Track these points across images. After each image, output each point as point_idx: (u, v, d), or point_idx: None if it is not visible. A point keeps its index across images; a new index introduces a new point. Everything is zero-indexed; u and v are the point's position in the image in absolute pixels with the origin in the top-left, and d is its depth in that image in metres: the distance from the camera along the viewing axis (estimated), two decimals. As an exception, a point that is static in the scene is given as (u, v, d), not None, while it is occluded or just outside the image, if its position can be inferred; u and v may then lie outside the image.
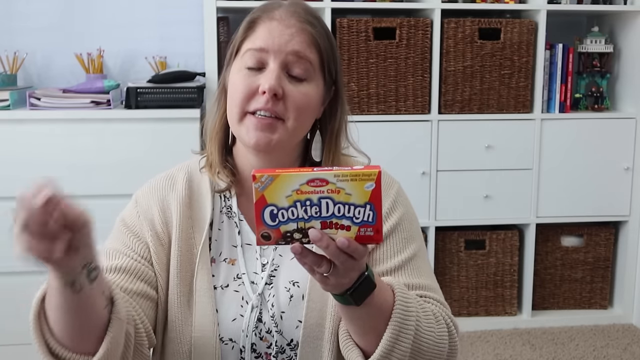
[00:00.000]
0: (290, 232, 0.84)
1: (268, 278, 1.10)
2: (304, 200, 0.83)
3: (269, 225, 0.84)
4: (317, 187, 0.83)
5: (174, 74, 2.62)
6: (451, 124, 2.81)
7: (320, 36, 1.09)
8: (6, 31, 2.85)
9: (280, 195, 0.83)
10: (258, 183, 0.83)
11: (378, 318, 0.96)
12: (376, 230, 0.84)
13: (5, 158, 2.46)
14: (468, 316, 2.96)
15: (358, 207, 0.83)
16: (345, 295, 0.91)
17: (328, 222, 0.84)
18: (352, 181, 0.82)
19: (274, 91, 1.03)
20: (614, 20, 3.03)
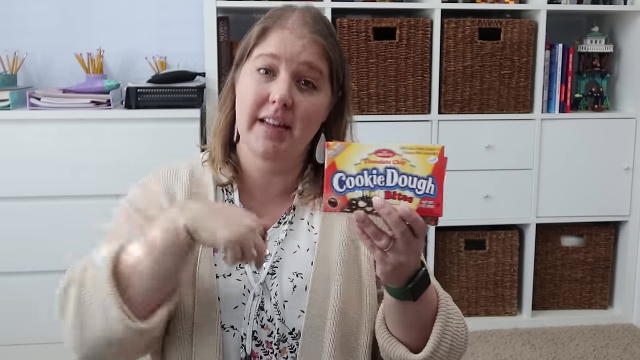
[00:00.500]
0: (356, 200, 0.89)
1: (271, 268, 1.12)
2: (371, 168, 0.88)
3: (337, 192, 0.89)
4: (384, 157, 0.88)
5: (174, 74, 2.62)
6: (451, 124, 2.81)
7: (331, 47, 1.11)
8: (6, 31, 2.85)
9: (350, 162, 0.88)
10: (331, 150, 0.88)
11: (426, 313, 1.03)
12: (437, 204, 0.88)
13: (5, 158, 2.46)
14: (468, 316, 2.96)
15: (421, 179, 0.88)
16: (404, 289, 0.96)
17: (392, 192, 0.88)
18: (417, 154, 0.87)
19: (284, 101, 1.06)
20: (614, 20, 3.03)
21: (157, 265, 0.96)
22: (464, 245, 2.93)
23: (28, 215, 2.49)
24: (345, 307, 1.10)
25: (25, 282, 2.53)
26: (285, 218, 1.16)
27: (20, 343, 2.55)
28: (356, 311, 1.12)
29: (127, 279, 0.97)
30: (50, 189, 2.48)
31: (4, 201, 2.49)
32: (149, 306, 0.99)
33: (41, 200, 2.49)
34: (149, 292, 0.98)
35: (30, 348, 2.54)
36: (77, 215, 2.49)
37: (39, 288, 2.53)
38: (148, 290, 0.97)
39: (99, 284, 0.96)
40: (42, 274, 2.52)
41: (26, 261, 2.51)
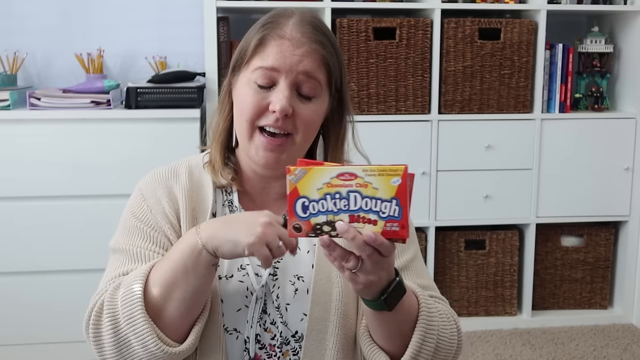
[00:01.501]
0: (320, 225, 0.88)
1: (272, 270, 1.12)
2: (334, 193, 0.87)
3: (301, 217, 0.88)
4: (346, 181, 0.87)
5: (174, 74, 2.62)
6: (451, 124, 2.81)
7: (330, 56, 1.11)
8: (6, 31, 2.85)
9: (312, 187, 0.87)
10: (292, 175, 0.88)
11: (405, 322, 1.02)
12: (402, 226, 0.87)
13: (5, 158, 2.46)
14: (468, 316, 2.96)
15: (385, 201, 0.87)
16: (378, 300, 0.95)
17: (356, 215, 0.88)
18: (380, 176, 0.86)
19: (285, 112, 1.06)
20: (614, 20, 3.03)
21: (186, 290, 0.99)
22: (464, 245, 2.93)
23: (28, 215, 2.49)
24: (346, 309, 1.10)
25: (25, 282, 2.53)
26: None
27: (20, 343, 2.55)
28: (355, 313, 1.12)
29: (159, 306, 0.99)
30: (50, 189, 2.48)
31: (4, 201, 2.49)
32: (183, 327, 1.02)
33: (41, 200, 2.49)
34: (183, 314, 1.00)
35: (31, 348, 2.54)
36: (77, 215, 2.49)
37: (39, 288, 2.53)
38: (182, 313, 1.00)
39: (133, 316, 0.98)
40: (42, 274, 2.52)
41: (26, 261, 2.51)
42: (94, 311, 1.01)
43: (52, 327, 2.51)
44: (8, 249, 2.49)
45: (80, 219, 2.48)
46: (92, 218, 2.47)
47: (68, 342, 2.49)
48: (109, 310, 0.99)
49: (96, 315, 1.00)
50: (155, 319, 0.99)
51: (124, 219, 1.16)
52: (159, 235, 1.11)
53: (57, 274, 2.52)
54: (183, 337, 1.02)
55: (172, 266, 0.99)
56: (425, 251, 2.85)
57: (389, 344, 1.04)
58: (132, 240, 1.11)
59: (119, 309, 0.98)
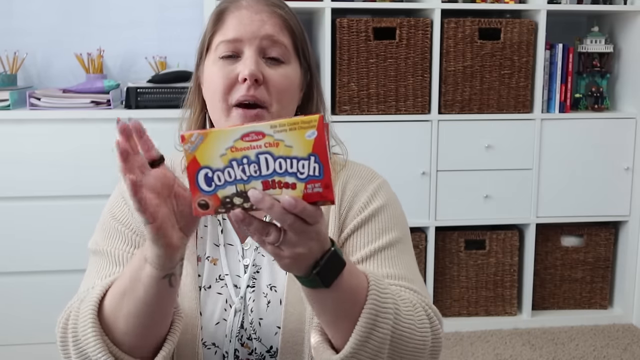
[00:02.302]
0: (230, 197, 0.75)
1: (250, 280, 1.07)
2: (240, 158, 0.74)
3: (205, 192, 0.75)
4: (253, 142, 0.73)
5: (174, 74, 2.62)
6: (451, 124, 2.81)
7: (291, 19, 1.07)
8: (6, 31, 2.85)
9: (214, 154, 0.74)
10: (188, 144, 0.74)
11: (351, 304, 0.87)
12: (325, 185, 0.74)
13: (5, 158, 2.46)
14: (468, 316, 2.96)
15: (301, 160, 0.74)
16: (311, 275, 0.81)
17: (270, 181, 0.74)
18: (291, 131, 0.73)
19: (255, 76, 1.00)
20: (614, 20, 3.03)
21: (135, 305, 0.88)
22: (464, 245, 2.93)
23: (28, 215, 2.49)
24: None
25: (25, 282, 2.53)
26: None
27: (20, 343, 2.55)
28: None
29: (110, 319, 0.90)
30: (50, 189, 2.48)
31: (4, 201, 2.49)
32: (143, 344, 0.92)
33: (41, 200, 2.49)
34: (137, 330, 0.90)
35: (31, 348, 2.54)
36: (77, 215, 2.49)
37: (39, 288, 2.53)
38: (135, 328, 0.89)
39: (86, 332, 0.90)
40: (42, 274, 2.52)
41: (26, 261, 2.51)
42: (62, 322, 0.95)
43: (52, 327, 2.50)
44: (8, 249, 2.49)
45: (80, 219, 2.48)
46: (92, 218, 2.47)
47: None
48: (72, 324, 0.93)
49: (63, 327, 0.95)
50: (110, 335, 0.90)
51: (103, 220, 1.10)
52: (139, 238, 1.06)
53: (57, 274, 2.52)
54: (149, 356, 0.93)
55: (123, 277, 0.90)
56: (425, 251, 2.85)
57: (337, 331, 0.89)
58: (113, 243, 1.06)
59: (79, 324, 0.91)
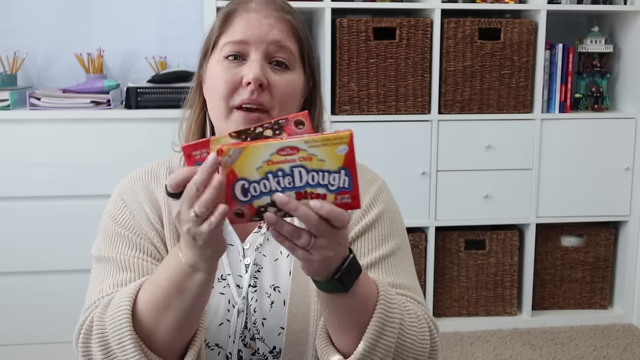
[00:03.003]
0: (264, 207, 0.80)
1: (252, 280, 1.07)
2: (275, 170, 0.78)
3: (241, 202, 0.80)
4: (288, 156, 0.78)
5: (174, 74, 2.62)
6: (451, 124, 2.81)
7: (299, 25, 1.07)
8: (6, 31, 2.85)
9: (251, 167, 0.78)
10: (226, 157, 0.78)
11: (362, 312, 0.91)
12: (353, 197, 0.80)
13: (5, 158, 2.46)
14: (468, 316, 2.96)
15: (332, 173, 0.79)
16: (332, 280, 0.85)
17: (303, 192, 0.79)
18: (324, 146, 0.78)
19: (260, 81, 1.00)
20: (614, 20, 3.03)
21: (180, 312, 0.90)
22: (464, 245, 2.93)
23: (28, 215, 2.49)
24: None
25: (25, 282, 2.53)
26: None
27: (20, 343, 2.55)
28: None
29: (150, 329, 0.91)
30: (50, 189, 2.48)
31: (4, 201, 2.49)
32: (177, 347, 0.94)
33: (41, 200, 2.49)
34: (176, 335, 0.92)
35: (31, 348, 2.54)
36: (77, 216, 2.48)
37: (39, 288, 2.53)
38: (176, 334, 0.92)
39: (122, 340, 0.91)
40: (42, 274, 2.52)
41: (26, 261, 2.51)
42: (84, 329, 0.95)
43: (52, 327, 2.51)
44: (8, 249, 2.49)
45: (80, 219, 2.48)
46: (92, 218, 2.46)
47: (68, 342, 2.49)
48: (98, 331, 0.93)
49: (85, 333, 0.95)
50: (147, 341, 0.92)
51: (104, 225, 1.09)
52: (144, 242, 1.05)
53: (57, 274, 2.52)
54: (178, 356, 0.96)
55: (163, 289, 0.90)
56: (425, 251, 2.85)
57: (345, 337, 0.93)
58: (118, 248, 1.04)
59: (108, 331, 0.92)
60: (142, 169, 1.14)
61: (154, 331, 0.91)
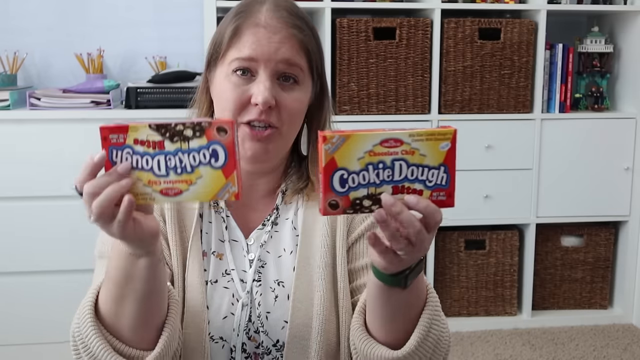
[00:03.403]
0: (360, 199, 0.78)
1: (256, 275, 1.08)
2: (376, 162, 0.77)
3: (338, 192, 0.78)
4: (391, 148, 0.77)
5: (174, 74, 2.62)
6: (451, 124, 2.80)
7: (308, 40, 1.06)
8: (6, 31, 2.85)
9: (353, 157, 0.77)
10: (328, 144, 0.76)
11: (413, 307, 0.94)
12: (449, 194, 0.80)
13: (5, 158, 2.46)
14: (468, 316, 2.96)
15: (432, 169, 0.79)
16: (400, 275, 0.87)
17: (400, 186, 0.79)
18: (428, 141, 0.78)
19: (268, 104, 1.01)
20: (614, 20, 3.03)
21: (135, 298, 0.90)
22: (464, 245, 2.93)
23: (28, 216, 2.49)
24: (328, 313, 1.06)
25: (25, 282, 2.53)
26: (269, 219, 1.12)
27: (20, 343, 2.55)
28: (336, 317, 1.07)
29: (114, 323, 0.93)
30: (50, 189, 2.48)
31: (4, 201, 2.49)
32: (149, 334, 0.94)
33: (41, 200, 2.49)
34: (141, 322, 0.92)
35: (31, 348, 2.54)
36: (77, 215, 2.48)
37: (39, 288, 2.53)
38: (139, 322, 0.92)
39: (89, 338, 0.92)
40: (42, 274, 2.52)
41: (26, 261, 2.51)
42: (72, 332, 0.96)
43: (52, 327, 2.50)
44: (8, 249, 2.49)
45: (80, 219, 2.46)
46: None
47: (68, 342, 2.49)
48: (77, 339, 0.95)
49: (73, 336, 0.96)
50: (115, 335, 0.93)
51: None
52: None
53: (57, 274, 2.52)
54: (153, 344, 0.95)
55: (114, 279, 0.90)
56: (425, 251, 2.85)
57: (390, 329, 0.96)
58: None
59: (82, 333, 0.94)
60: None
61: (117, 324, 0.92)
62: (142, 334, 0.93)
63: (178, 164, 0.80)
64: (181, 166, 0.80)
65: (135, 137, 0.80)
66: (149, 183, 0.81)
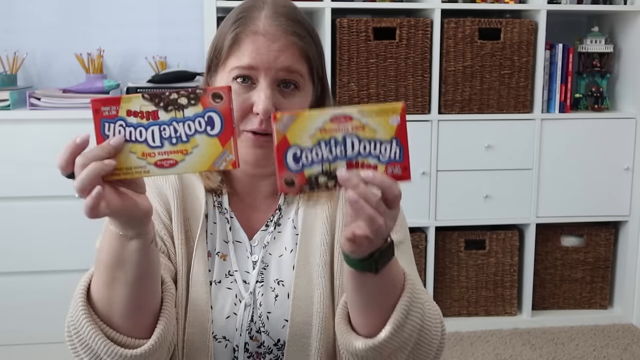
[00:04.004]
0: (316, 176, 0.80)
1: (259, 276, 1.09)
2: (328, 139, 0.79)
3: (292, 170, 0.79)
4: (341, 124, 0.79)
5: (174, 74, 2.63)
6: (451, 124, 2.81)
7: (309, 47, 1.06)
8: (6, 31, 2.85)
9: (304, 134, 0.79)
10: (279, 123, 0.78)
11: (387, 295, 0.92)
12: (404, 168, 0.81)
13: (5, 158, 2.46)
14: (468, 316, 2.96)
15: (384, 143, 0.80)
16: (369, 260, 0.86)
17: (354, 161, 0.80)
18: (377, 116, 0.79)
19: (269, 113, 1.01)
20: (614, 20, 3.03)
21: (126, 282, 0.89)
22: (464, 245, 2.93)
23: (28, 216, 2.49)
24: (328, 311, 1.06)
25: (25, 282, 2.52)
26: (271, 220, 1.13)
27: (20, 343, 2.55)
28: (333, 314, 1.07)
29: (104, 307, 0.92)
30: (50, 189, 2.48)
31: (4, 201, 2.49)
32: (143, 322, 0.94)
33: (41, 200, 2.49)
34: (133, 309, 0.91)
35: (31, 348, 2.54)
36: (77, 216, 2.47)
37: (39, 288, 2.53)
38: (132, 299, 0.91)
39: (81, 329, 0.91)
40: (42, 274, 2.52)
41: (26, 261, 2.51)
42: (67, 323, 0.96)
43: (52, 327, 2.50)
44: (8, 249, 2.49)
45: (80, 219, 2.46)
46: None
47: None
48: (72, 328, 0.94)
49: (67, 327, 0.96)
50: (108, 322, 0.92)
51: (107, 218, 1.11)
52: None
53: (57, 274, 2.52)
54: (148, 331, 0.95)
55: (105, 264, 0.90)
56: (425, 251, 2.85)
57: (368, 318, 0.94)
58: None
59: (75, 321, 0.93)
60: None
61: (109, 310, 0.92)
62: (134, 321, 0.92)
63: (173, 133, 0.80)
64: (176, 136, 0.80)
65: (128, 108, 0.80)
66: (142, 155, 0.81)
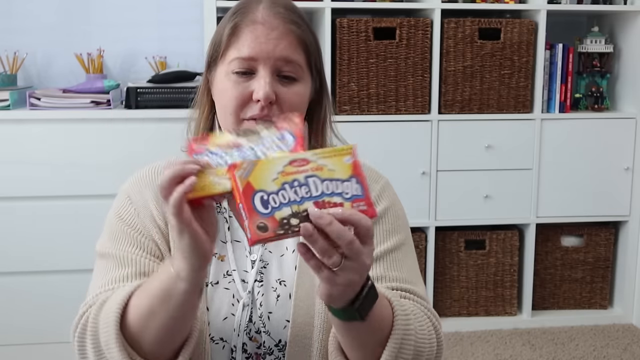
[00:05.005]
0: (287, 218, 0.79)
1: (258, 275, 1.09)
2: (291, 181, 0.80)
3: (263, 214, 0.79)
4: (300, 167, 0.80)
5: (174, 74, 2.62)
6: (451, 124, 2.81)
7: (306, 35, 1.08)
8: (6, 31, 2.85)
9: (267, 179, 0.79)
10: (240, 170, 0.79)
11: (377, 332, 0.92)
12: (368, 204, 0.82)
13: (5, 158, 2.46)
14: (468, 316, 2.96)
15: (344, 181, 0.81)
16: (350, 309, 0.85)
17: (320, 201, 0.80)
18: (332, 157, 0.81)
19: (269, 99, 1.02)
20: (614, 20, 3.03)
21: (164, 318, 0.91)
22: (464, 245, 2.93)
23: (28, 216, 2.49)
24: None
25: (25, 282, 2.52)
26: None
27: (20, 343, 2.54)
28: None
29: (137, 334, 0.93)
30: (50, 189, 2.48)
31: (4, 201, 2.49)
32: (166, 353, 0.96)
33: (41, 201, 2.49)
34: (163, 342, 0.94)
35: (31, 348, 2.54)
36: (77, 216, 2.48)
37: (39, 288, 2.53)
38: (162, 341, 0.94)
39: (109, 344, 0.93)
40: (42, 274, 2.52)
41: (26, 261, 2.51)
42: (80, 324, 0.98)
43: (52, 327, 2.50)
44: (8, 249, 2.49)
45: (80, 219, 2.48)
46: (91, 218, 2.46)
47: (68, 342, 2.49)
48: (92, 331, 0.96)
49: (81, 330, 0.98)
50: (135, 346, 0.94)
51: (109, 222, 1.11)
52: (146, 240, 1.07)
53: (57, 274, 2.52)
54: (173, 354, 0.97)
55: (150, 295, 0.92)
56: (425, 251, 2.85)
57: (360, 353, 0.95)
58: (120, 245, 1.06)
59: (99, 333, 0.95)
60: (148, 167, 1.16)
61: (141, 336, 0.93)
62: (163, 349, 0.95)
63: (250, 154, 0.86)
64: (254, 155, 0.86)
65: (216, 142, 0.87)
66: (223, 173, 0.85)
